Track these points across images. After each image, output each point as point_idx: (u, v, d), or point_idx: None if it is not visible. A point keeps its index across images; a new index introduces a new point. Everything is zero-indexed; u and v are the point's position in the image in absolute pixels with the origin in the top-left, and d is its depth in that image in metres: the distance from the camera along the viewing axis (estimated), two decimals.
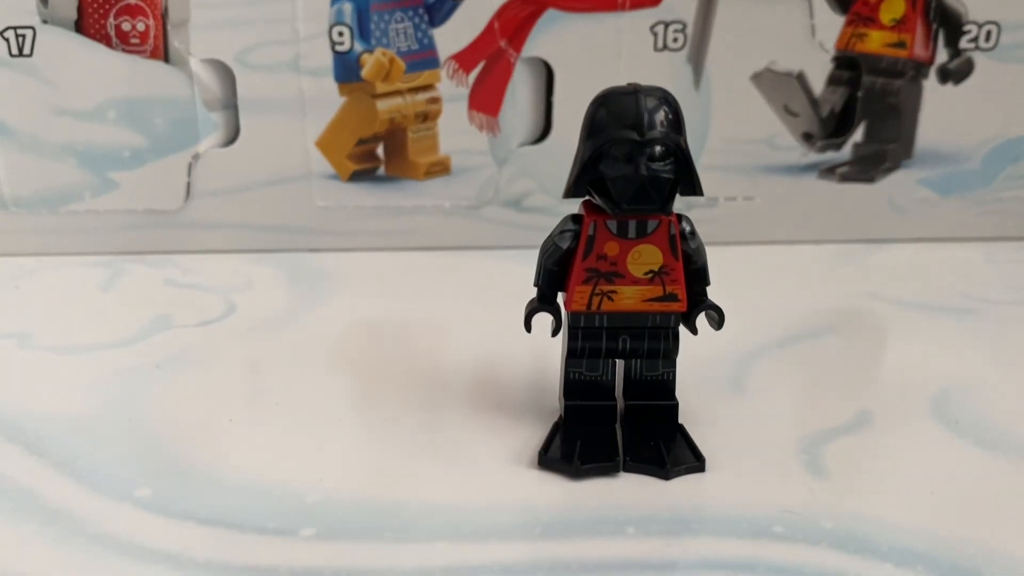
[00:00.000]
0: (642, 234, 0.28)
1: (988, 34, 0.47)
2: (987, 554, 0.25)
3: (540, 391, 0.33)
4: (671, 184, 0.27)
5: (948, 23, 0.47)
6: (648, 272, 0.29)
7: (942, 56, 0.48)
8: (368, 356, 0.38)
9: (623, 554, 0.25)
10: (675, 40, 0.47)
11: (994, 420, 0.32)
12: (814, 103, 0.49)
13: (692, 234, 0.29)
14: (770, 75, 0.48)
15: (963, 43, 0.48)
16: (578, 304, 0.29)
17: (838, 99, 0.49)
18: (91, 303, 0.43)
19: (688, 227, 0.29)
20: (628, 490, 0.28)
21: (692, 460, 0.29)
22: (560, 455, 0.29)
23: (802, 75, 0.48)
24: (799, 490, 0.28)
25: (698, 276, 0.29)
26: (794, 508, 0.27)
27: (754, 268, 0.47)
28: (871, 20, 0.47)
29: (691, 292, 0.29)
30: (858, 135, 0.49)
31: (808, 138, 0.49)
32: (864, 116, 0.49)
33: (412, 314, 0.42)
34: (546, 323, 0.30)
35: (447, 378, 0.35)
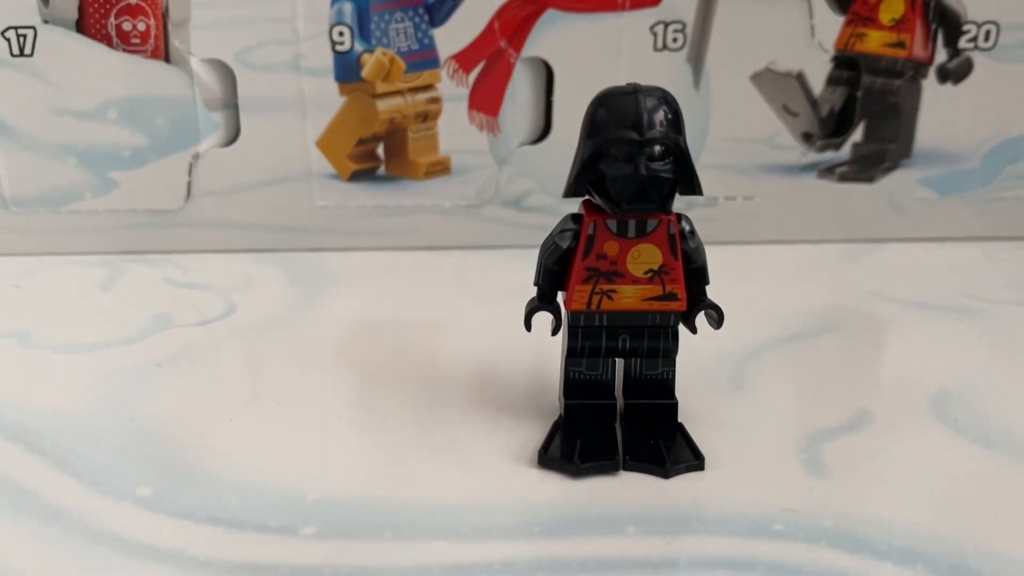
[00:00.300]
0: (642, 233, 0.28)
1: (987, 34, 0.47)
2: (986, 553, 0.25)
3: (540, 390, 0.33)
4: (671, 184, 0.27)
5: (947, 23, 0.47)
6: (648, 271, 0.29)
7: (941, 56, 0.48)
8: (368, 355, 0.38)
9: (623, 553, 0.25)
10: (675, 40, 0.47)
11: (994, 419, 0.32)
12: (813, 103, 0.49)
13: (692, 233, 0.29)
14: (770, 75, 0.48)
15: (962, 43, 0.48)
16: (578, 303, 0.29)
17: (837, 99, 0.49)
18: (91, 302, 0.43)
19: (688, 226, 0.29)
20: (628, 489, 0.28)
21: (692, 459, 0.29)
22: (560, 454, 0.29)
23: (802, 75, 0.48)
24: (799, 489, 0.28)
25: (698, 275, 0.29)
26: (794, 507, 0.27)
27: (754, 267, 0.47)
28: (870, 20, 0.47)
29: (691, 291, 0.29)
30: (857, 135, 0.49)
31: (808, 138, 0.49)
32: (863, 116, 0.49)
33: (412, 314, 0.42)
34: (546, 322, 0.30)
35: (447, 377, 0.35)
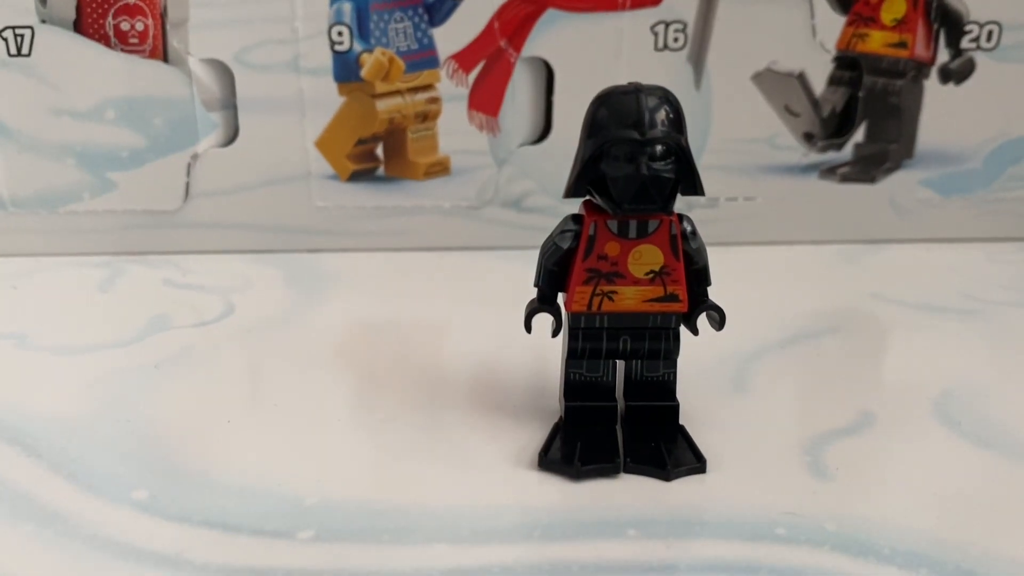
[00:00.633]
0: (643, 234, 0.28)
1: (989, 34, 0.47)
2: (990, 556, 0.25)
3: (540, 392, 0.33)
4: (672, 184, 0.27)
5: (949, 23, 0.47)
6: (649, 272, 0.28)
7: (943, 56, 0.48)
8: (367, 357, 0.37)
9: (624, 556, 0.25)
10: (676, 40, 0.47)
11: (997, 421, 0.31)
12: (815, 103, 0.48)
13: (693, 234, 0.29)
14: (771, 75, 0.48)
15: (964, 43, 0.47)
16: (578, 305, 0.29)
17: (839, 99, 0.49)
18: (89, 303, 0.43)
19: (689, 227, 0.29)
20: (629, 492, 0.27)
21: (693, 461, 0.28)
22: (560, 456, 0.28)
23: (803, 75, 0.48)
24: (801, 492, 0.27)
25: (699, 276, 0.29)
26: (796, 510, 0.27)
27: (755, 268, 0.47)
28: (872, 20, 0.47)
29: (692, 292, 0.29)
30: (859, 135, 0.49)
31: (809, 138, 0.49)
32: (865, 116, 0.49)
33: (411, 314, 0.42)
34: (546, 324, 0.30)
35: (446, 379, 0.35)
